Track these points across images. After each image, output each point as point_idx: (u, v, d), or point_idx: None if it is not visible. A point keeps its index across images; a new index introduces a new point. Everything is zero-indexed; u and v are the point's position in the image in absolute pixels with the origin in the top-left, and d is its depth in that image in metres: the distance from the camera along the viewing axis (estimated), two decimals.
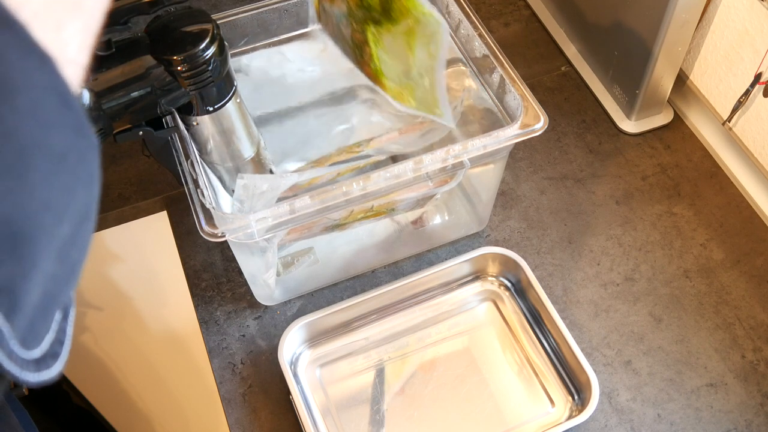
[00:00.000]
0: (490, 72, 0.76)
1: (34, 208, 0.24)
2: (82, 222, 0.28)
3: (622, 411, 0.77)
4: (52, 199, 0.25)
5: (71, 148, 0.26)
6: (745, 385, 0.79)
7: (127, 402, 0.93)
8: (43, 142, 0.24)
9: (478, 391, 0.77)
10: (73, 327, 0.31)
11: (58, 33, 0.26)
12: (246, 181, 0.69)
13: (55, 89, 0.25)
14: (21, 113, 0.23)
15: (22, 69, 0.23)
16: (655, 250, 0.88)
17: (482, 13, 1.11)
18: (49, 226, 0.25)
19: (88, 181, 0.27)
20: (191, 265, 0.87)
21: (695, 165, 0.95)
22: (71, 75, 0.27)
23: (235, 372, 0.79)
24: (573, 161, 0.96)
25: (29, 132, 0.24)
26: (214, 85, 0.62)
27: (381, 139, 0.83)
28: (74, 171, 0.26)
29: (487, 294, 0.84)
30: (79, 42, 0.27)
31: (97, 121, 0.57)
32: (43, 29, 0.25)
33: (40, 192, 0.24)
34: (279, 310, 0.84)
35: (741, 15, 0.86)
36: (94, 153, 0.27)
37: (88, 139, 0.27)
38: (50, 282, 0.26)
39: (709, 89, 0.96)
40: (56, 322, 0.30)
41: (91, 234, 0.29)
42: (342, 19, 0.63)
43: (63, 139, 0.25)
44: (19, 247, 0.24)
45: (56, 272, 0.27)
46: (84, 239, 0.28)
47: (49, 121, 0.25)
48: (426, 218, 0.87)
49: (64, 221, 0.26)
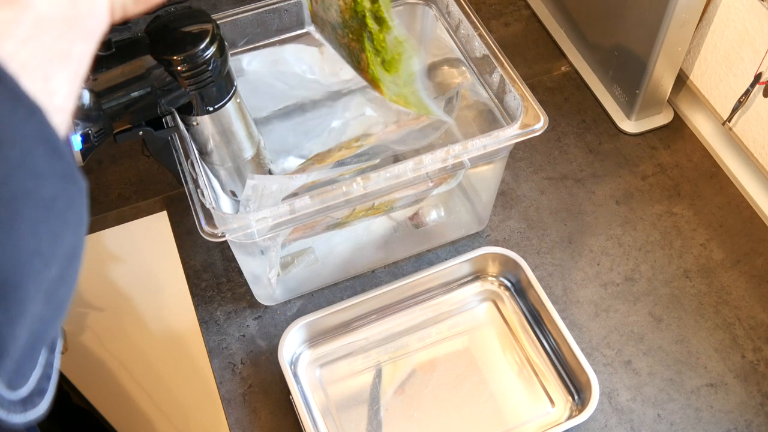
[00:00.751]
0: (490, 72, 0.76)
1: (23, 257, 0.24)
2: (70, 262, 0.28)
3: (622, 411, 0.77)
4: (40, 246, 0.25)
5: (60, 195, 0.26)
6: (745, 385, 0.79)
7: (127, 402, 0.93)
8: (32, 191, 0.24)
9: (478, 391, 0.77)
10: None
11: (46, 83, 0.26)
12: (256, 181, 0.69)
13: (44, 139, 0.25)
14: (10, 165, 0.23)
15: (12, 121, 0.24)
16: (655, 250, 0.88)
17: (482, 13, 1.11)
18: (37, 272, 0.25)
19: (77, 224, 0.27)
20: (191, 265, 0.87)
21: (695, 165, 0.95)
22: (59, 122, 0.27)
23: (235, 372, 0.79)
24: (573, 161, 0.96)
25: (18, 183, 0.24)
26: (214, 85, 0.62)
27: (379, 134, 0.83)
28: (62, 216, 0.26)
29: (487, 294, 0.84)
30: (66, 90, 0.27)
31: (97, 121, 0.57)
32: (32, 80, 0.25)
33: (28, 241, 0.24)
34: (279, 310, 0.84)
35: (741, 15, 0.86)
36: (81, 197, 0.28)
37: (77, 184, 0.27)
38: (37, 323, 0.26)
39: (709, 89, 0.96)
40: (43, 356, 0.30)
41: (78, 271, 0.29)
42: (337, 29, 0.64)
43: (52, 187, 0.25)
44: (6, 295, 0.24)
45: (44, 313, 0.26)
46: (71, 278, 0.28)
47: (38, 171, 0.25)
48: (422, 215, 0.87)
49: (52, 265, 0.26)
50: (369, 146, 0.83)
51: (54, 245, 0.26)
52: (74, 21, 0.28)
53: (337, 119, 0.87)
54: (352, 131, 0.86)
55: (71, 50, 0.28)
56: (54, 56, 0.27)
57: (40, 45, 0.26)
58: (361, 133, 0.85)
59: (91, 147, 0.57)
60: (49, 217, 0.25)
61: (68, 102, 0.28)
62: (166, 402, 0.94)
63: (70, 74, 0.27)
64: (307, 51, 0.83)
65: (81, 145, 0.56)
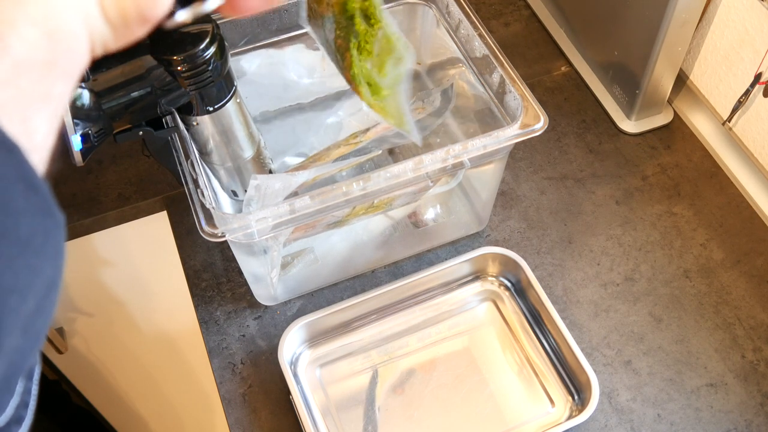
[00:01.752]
0: (490, 72, 0.76)
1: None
2: (47, 294, 0.27)
3: (622, 411, 0.77)
4: (17, 283, 0.25)
5: (37, 230, 0.26)
6: (745, 385, 0.79)
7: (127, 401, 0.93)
8: (9, 230, 0.24)
9: (478, 391, 0.77)
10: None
11: (26, 124, 0.26)
12: (259, 181, 0.69)
13: (22, 178, 0.25)
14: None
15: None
16: (655, 250, 0.88)
17: (482, 13, 1.11)
18: (14, 308, 0.25)
19: (54, 257, 0.27)
20: (191, 265, 0.87)
21: (695, 165, 0.95)
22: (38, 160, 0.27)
23: (235, 372, 0.79)
24: (573, 161, 0.96)
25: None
26: (214, 85, 0.62)
27: (377, 129, 0.83)
28: (40, 251, 0.26)
29: (487, 294, 0.84)
30: (46, 129, 0.27)
31: (97, 121, 0.57)
32: (11, 121, 0.25)
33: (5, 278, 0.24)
34: (279, 310, 0.84)
35: (741, 15, 0.86)
36: (59, 230, 0.27)
37: (54, 218, 0.27)
38: (15, 354, 0.26)
39: (709, 89, 0.96)
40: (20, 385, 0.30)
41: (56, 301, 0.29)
42: (327, 24, 0.64)
43: (29, 224, 0.25)
44: None
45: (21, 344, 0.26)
46: (49, 308, 0.28)
47: (16, 210, 0.25)
48: (422, 214, 0.87)
49: (29, 299, 0.26)
50: (368, 141, 0.83)
51: (31, 280, 0.26)
52: (54, 63, 0.28)
53: (333, 116, 0.87)
54: (348, 128, 0.86)
55: (51, 91, 0.28)
56: (33, 98, 0.27)
57: (19, 87, 0.26)
58: (358, 129, 0.85)
59: (91, 147, 0.57)
60: (26, 252, 0.25)
61: (47, 140, 0.28)
62: (166, 402, 0.94)
63: (49, 113, 0.28)
64: (307, 54, 0.83)
65: (81, 145, 0.56)
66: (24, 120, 0.26)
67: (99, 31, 0.30)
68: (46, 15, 0.27)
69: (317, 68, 0.84)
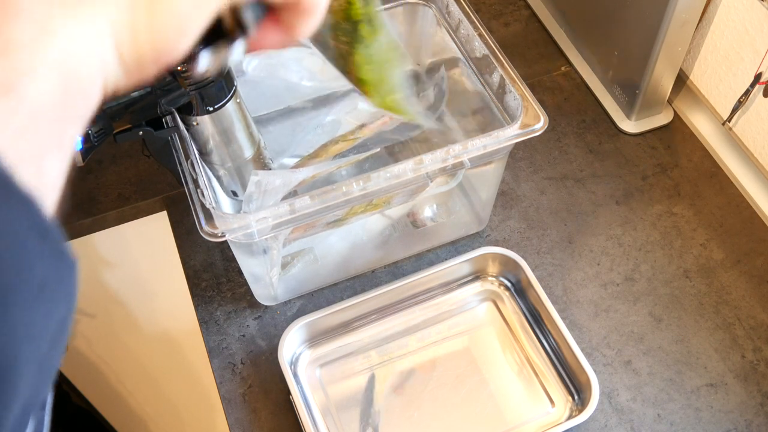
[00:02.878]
0: (490, 72, 0.76)
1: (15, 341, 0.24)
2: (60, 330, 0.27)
3: (622, 411, 0.77)
4: (32, 330, 0.25)
5: (50, 276, 0.26)
6: (745, 385, 0.79)
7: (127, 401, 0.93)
8: (23, 278, 0.24)
9: (478, 391, 0.77)
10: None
11: (40, 169, 0.26)
12: (260, 177, 0.69)
13: (36, 227, 0.25)
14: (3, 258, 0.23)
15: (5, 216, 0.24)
16: (655, 250, 0.88)
17: (482, 13, 1.11)
18: (29, 354, 0.25)
19: (67, 299, 0.27)
20: (191, 265, 0.87)
21: (695, 165, 0.95)
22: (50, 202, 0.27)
23: (235, 372, 0.79)
24: (573, 161, 0.96)
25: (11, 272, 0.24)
26: (214, 85, 0.62)
27: (373, 126, 0.83)
28: (53, 295, 0.26)
29: (487, 294, 0.84)
30: (58, 171, 0.27)
31: (97, 121, 0.57)
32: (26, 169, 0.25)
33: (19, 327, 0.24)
34: (279, 310, 0.84)
35: (741, 15, 0.86)
36: (72, 273, 0.27)
37: (66, 261, 0.27)
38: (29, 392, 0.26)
39: (709, 89, 0.96)
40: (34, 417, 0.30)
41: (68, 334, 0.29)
42: (328, 31, 0.64)
43: (42, 270, 0.25)
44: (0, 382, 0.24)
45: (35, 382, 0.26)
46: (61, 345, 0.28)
47: (30, 258, 0.25)
48: (422, 214, 0.87)
49: (43, 342, 0.26)
50: (365, 137, 0.83)
51: (45, 323, 0.26)
52: (67, 106, 0.27)
53: (329, 115, 0.87)
54: (346, 125, 0.86)
55: (64, 134, 0.28)
56: (48, 144, 0.27)
57: (36, 134, 0.26)
58: (356, 126, 0.85)
59: (91, 147, 0.57)
60: (40, 299, 0.25)
61: (59, 181, 0.28)
62: (166, 402, 0.94)
63: (62, 156, 0.28)
64: (308, 56, 0.83)
65: (81, 145, 0.56)
66: (39, 166, 0.26)
67: (113, 75, 0.30)
68: (65, 62, 0.27)
69: (318, 70, 0.84)
